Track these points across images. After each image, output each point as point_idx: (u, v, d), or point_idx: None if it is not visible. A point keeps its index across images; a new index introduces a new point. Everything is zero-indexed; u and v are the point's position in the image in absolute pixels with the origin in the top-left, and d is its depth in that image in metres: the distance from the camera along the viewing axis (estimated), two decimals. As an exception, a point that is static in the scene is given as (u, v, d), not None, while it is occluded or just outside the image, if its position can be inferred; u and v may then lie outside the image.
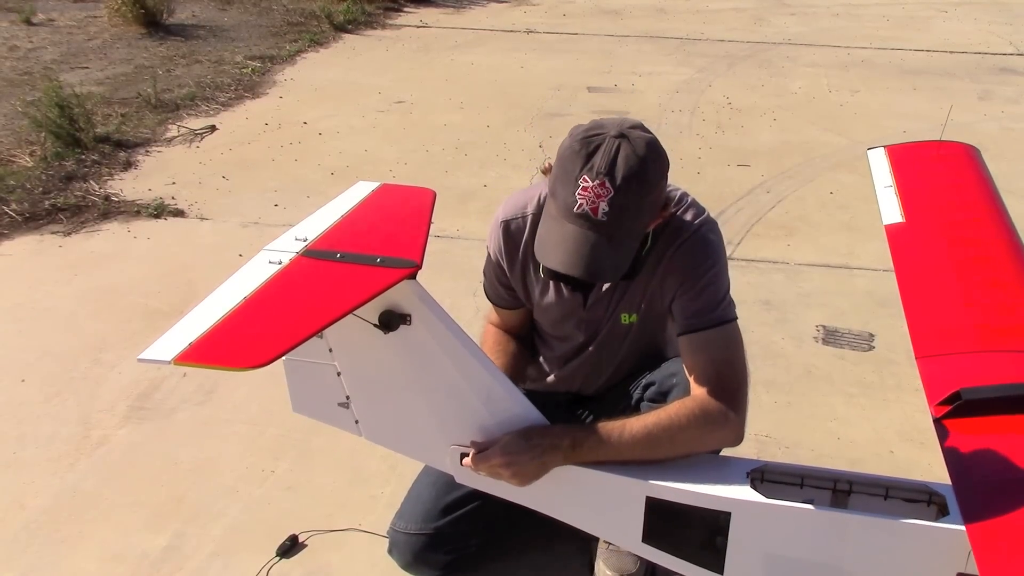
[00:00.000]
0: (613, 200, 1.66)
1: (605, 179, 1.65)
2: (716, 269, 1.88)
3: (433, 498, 2.13)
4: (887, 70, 7.33)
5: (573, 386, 2.21)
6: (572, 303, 2.03)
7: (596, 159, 1.66)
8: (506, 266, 2.04)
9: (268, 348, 1.33)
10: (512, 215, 2.00)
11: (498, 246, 2.03)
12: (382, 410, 1.79)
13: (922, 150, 2.47)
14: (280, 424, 2.81)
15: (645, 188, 1.69)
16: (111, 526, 2.44)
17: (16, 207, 4.37)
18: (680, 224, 1.89)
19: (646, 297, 1.97)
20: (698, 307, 1.85)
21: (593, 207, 1.66)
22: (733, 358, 1.84)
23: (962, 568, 1.54)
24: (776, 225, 4.40)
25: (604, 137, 1.68)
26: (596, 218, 1.67)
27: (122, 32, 7.93)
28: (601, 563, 2.13)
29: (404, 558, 2.18)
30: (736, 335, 1.87)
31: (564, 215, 1.70)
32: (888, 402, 3.00)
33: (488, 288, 2.15)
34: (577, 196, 1.67)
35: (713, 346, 1.84)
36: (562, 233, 1.70)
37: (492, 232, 2.04)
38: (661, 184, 1.75)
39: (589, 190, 1.66)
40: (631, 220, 1.70)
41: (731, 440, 1.83)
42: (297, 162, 5.17)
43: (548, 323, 2.13)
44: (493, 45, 8.02)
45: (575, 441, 1.74)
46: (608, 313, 2.03)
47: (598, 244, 1.68)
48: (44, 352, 3.25)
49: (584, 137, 1.69)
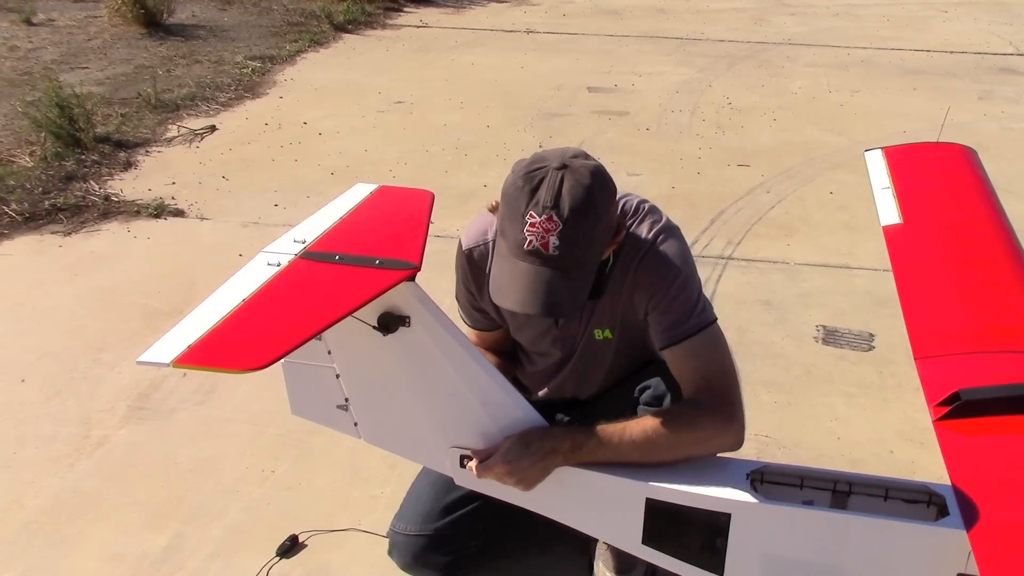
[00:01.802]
0: (562, 233, 1.62)
1: (552, 213, 1.62)
2: (682, 277, 1.85)
3: (433, 499, 2.13)
4: (887, 70, 7.33)
5: (567, 394, 2.21)
6: (544, 323, 2.03)
7: (541, 193, 1.63)
8: (475, 292, 2.04)
9: (267, 350, 1.33)
10: (474, 243, 2.00)
11: (464, 275, 2.04)
12: (381, 412, 1.79)
13: (919, 152, 2.47)
14: (280, 424, 2.81)
15: (593, 217, 1.66)
16: (111, 526, 2.44)
17: (16, 207, 4.37)
18: (635, 239, 1.87)
19: (619, 313, 1.96)
20: (673, 319, 1.83)
21: (543, 242, 1.63)
22: (721, 362, 1.83)
23: (962, 569, 1.54)
24: (776, 225, 4.40)
25: (547, 170, 1.65)
26: (547, 253, 1.63)
27: (122, 32, 7.93)
28: (601, 563, 2.13)
29: (404, 559, 2.18)
30: (718, 337, 1.85)
31: (515, 254, 1.67)
32: (888, 402, 3.00)
33: (464, 315, 2.15)
34: (526, 233, 1.63)
35: (698, 354, 1.82)
36: (514, 272, 1.67)
37: (457, 262, 2.04)
38: (610, 210, 1.72)
39: (537, 226, 1.63)
40: (583, 251, 1.67)
41: (731, 445, 1.82)
42: (297, 162, 5.17)
43: (526, 341, 2.14)
44: (493, 45, 8.02)
45: (575, 444, 1.74)
46: (580, 330, 2.03)
47: (552, 279, 1.65)
48: (44, 352, 3.25)
49: (527, 172, 1.66)
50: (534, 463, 1.73)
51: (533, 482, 1.76)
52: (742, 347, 3.28)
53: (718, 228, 4.32)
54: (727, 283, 3.80)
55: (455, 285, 2.11)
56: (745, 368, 3.14)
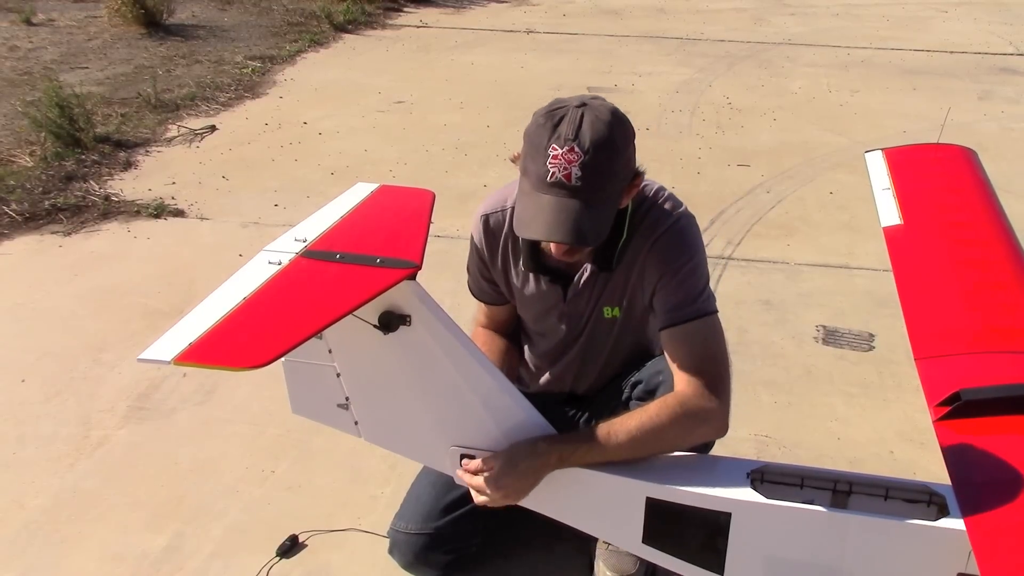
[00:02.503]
0: (584, 163, 1.67)
1: (574, 144, 1.67)
2: (695, 261, 1.89)
3: (433, 498, 2.13)
4: (887, 70, 7.33)
5: (564, 386, 2.21)
6: (552, 296, 2.04)
7: (562, 128, 1.68)
8: (488, 260, 2.07)
9: (268, 349, 1.33)
10: (492, 208, 2.03)
11: (479, 240, 2.06)
12: (381, 411, 1.79)
13: (919, 153, 2.47)
14: (280, 424, 2.81)
15: (613, 151, 1.71)
16: (111, 526, 2.44)
17: (16, 207, 4.37)
18: (658, 216, 1.91)
19: (627, 291, 1.98)
20: (678, 300, 1.87)
21: (566, 174, 1.67)
22: (714, 351, 1.85)
23: (963, 568, 1.55)
24: (776, 225, 4.40)
25: (567, 109, 1.71)
26: (571, 184, 1.68)
27: (122, 32, 7.92)
28: (601, 563, 2.14)
29: (405, 558, 2.18)
30: (716, 327, 1.88)
31: (538, 187, 1.71)
32: (888, 402, 3.00)
33: (472, 284, 2.17)
34: (548, 166, 1.68)
35: (693, 339, 1.85)
36: (539, 204, 1.71)
37: (474, 227, 2.07)
38: (629, 149, 1.77)
39: (559, 157, 1.68)
40: (605, 182, 1.71)
41: (715, 434, 1.85)
42: (297, 162, 5.17)
43: (531, 318, 2.14)
44: (493, 45, 8.02)
45: (562, 457, 1.77)
46: (590, 307, 2.04)
47: (577, 209, 1.69)
48: (44, 352, 3.25)
49: (548, 112, 1.73)
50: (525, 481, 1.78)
51: (525, 495, 1.80)
52: (742, 347, 3.28)
53: (718, 228, 4.32)
54: (727, 283, 3.80)
55: (467, 256, 2.12)
56: (745, 368, 3.15)
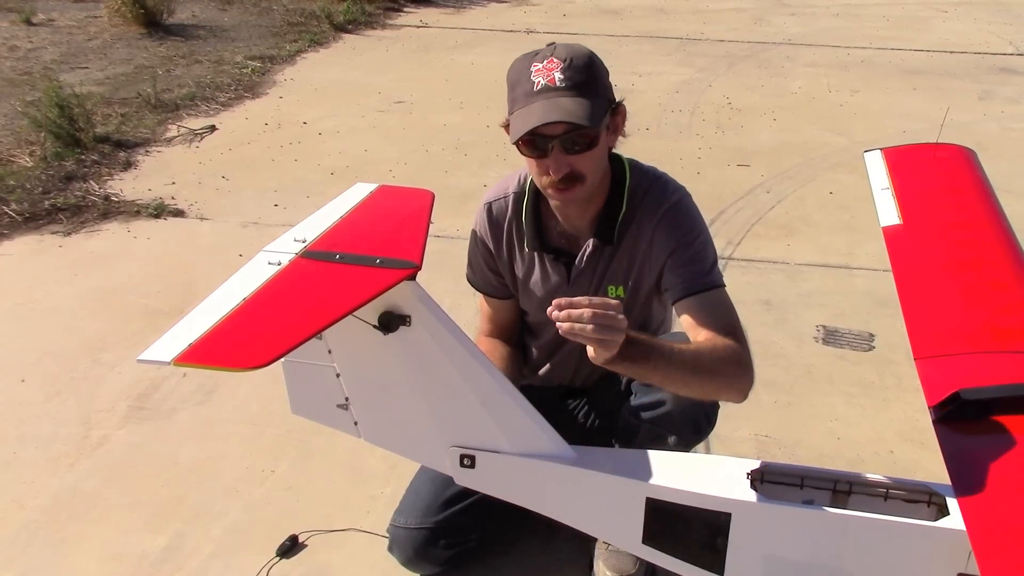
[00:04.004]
0: (565, 68, 1.77)
1: (552, 56, 1.79)
2: (704, 235, 1.96)
3: (433, 493, 2.14)
4: (887, 70, 7.33)
5: (564, 378, 2.21)
6: (557, 278, 2.05)
7: (541, 51, 1.82)
8: (492, 247, 2.09)
9: (268, 349, 1.32)
10: (495, 196, 2.06)
11: (483, 227, 2.08)
12: (381, 411, 1.79)
13: (918, 152, 2.46)
14: (280, 424, 2.81)
15: (592, 67, 1.81)
16: (111, 526, 2.44)
17: (16, 207, 4.37)
18: (662, 191, 1.97)
19: (635, 268, 1.99)
20: (696, 270, 1.91)
21: (550, 79, 1.77)
22: (736, 319, 1.90)
23: (963, 568, 1.54)
24: (776, 225, 4.40)
25: (543, 47, 1.84)
26: (556, 86, 1.77)
27: (122, 32, 7.93)
28: (600, 563, 2.14)
29: (405, 554, 2.18)
30: (730, 299, 1.94)
31: (526, 99, 1.78)
32: (888, 402, 3.00)
33: (474, 276, 2.18)
34: (532, 78, 1.78)
35: (716, 307, 1.89)
36: (530, 108, 1.77)
37: (477, 215, 2.09)
38: (605, 74, 1.87)
39: (541, 70, 1.78)
40: (589, 82, 1.80)
41: (747, 388, 1.84)
42: (297, 162, 5.17)
43: (534, 307, 2.13)
44: (493, 45, 8.02)
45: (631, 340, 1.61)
46: (593, 286, 2.04)
47: (566, 99, 1.76)
48: (44, 352, 3.25)
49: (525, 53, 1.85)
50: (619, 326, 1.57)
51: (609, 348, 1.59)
52: (742, 347, 3.28)
53: (718, 228, 4.32)
54: (727, 283, 3.79)
55: (468, 250, 2.14)
56: (745, 368, 3.15)
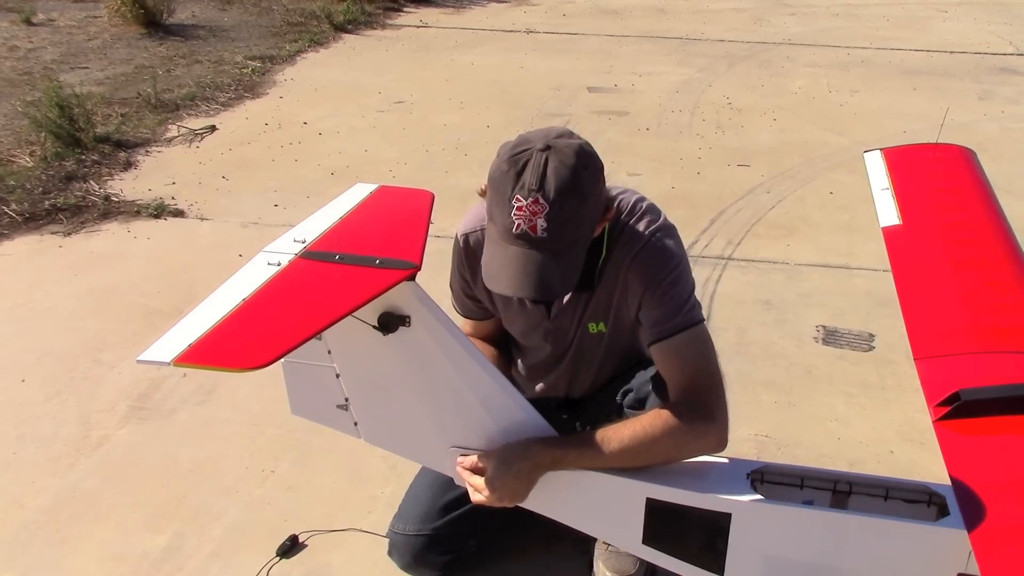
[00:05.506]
0: (550, 215, 1.63)
1: (538, 195, 1.62)
2: (676, 274, 1.85)
3: (431, 498, 2.14)
4: (887, 70, 7.33)
5: (559, 392, 2.20)
6: (536, 314, 2.03)
7: (526, 176, 1.63)
8: (470, 279, 2.04)
9: (267, 350, 1.32)
10: (471, 228, 2.00)
11: (460, 260, 2.04)
12: (381, 412, 1.79)
13: (918, 153, 2.47)
14: (280, 424, 2.81)
15: (580, 197, 1.66)
16: (111, 526, 2.44)
17: (16, 207, 4.37)
18: (633, 234, 1.87)
19: (612, 308, 1.96)
20: (661, 314, 1.83)
21: (531, 225, 1.64)
22: (705, 362, 1.83)
23: (963, 569, 1.55)
24: (776, 225, 4.40)
25: (531, 152, 1.65)
26: (536, 236, 1.64)
27: (122, 32, 7.92)
28: (600, 564, 2.13)
29: (404, 559, 2.18)
30: (704, 337, 1.85)
31: (504, 238, 1.68)
32: (888, 402, 3.00)
33: (457, 303, 2.15)
34: (513, 217, 1.64)
35: (683, 352, 1.82)
36: (505, 256, 1.68)
37: (454, 247, 2.04)
38: (597, 189, 1.72)
39: (524, 209, 1.63)
40: (572, 231, 1.68)
41: (713, 447, 1.81)
42: (297, 162, 5.17)
43: (517, 333, 2.14)
44: (493, 45, 8.02)
45: (555, 458, 1.77)
46: (574, 324, 2.03)
47: (543, 262, 1.66)
48: (44, 352, 3.25)
49: (511, 156, 1.67)
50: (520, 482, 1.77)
51: (522, 497, 1.80)
52: (742, 347, 3.28)
53: (718, 228, 4.32)
54: (727, 283, 3.80)
55: (450, 274, 2.11)
56: (745, 368, 3.15)
